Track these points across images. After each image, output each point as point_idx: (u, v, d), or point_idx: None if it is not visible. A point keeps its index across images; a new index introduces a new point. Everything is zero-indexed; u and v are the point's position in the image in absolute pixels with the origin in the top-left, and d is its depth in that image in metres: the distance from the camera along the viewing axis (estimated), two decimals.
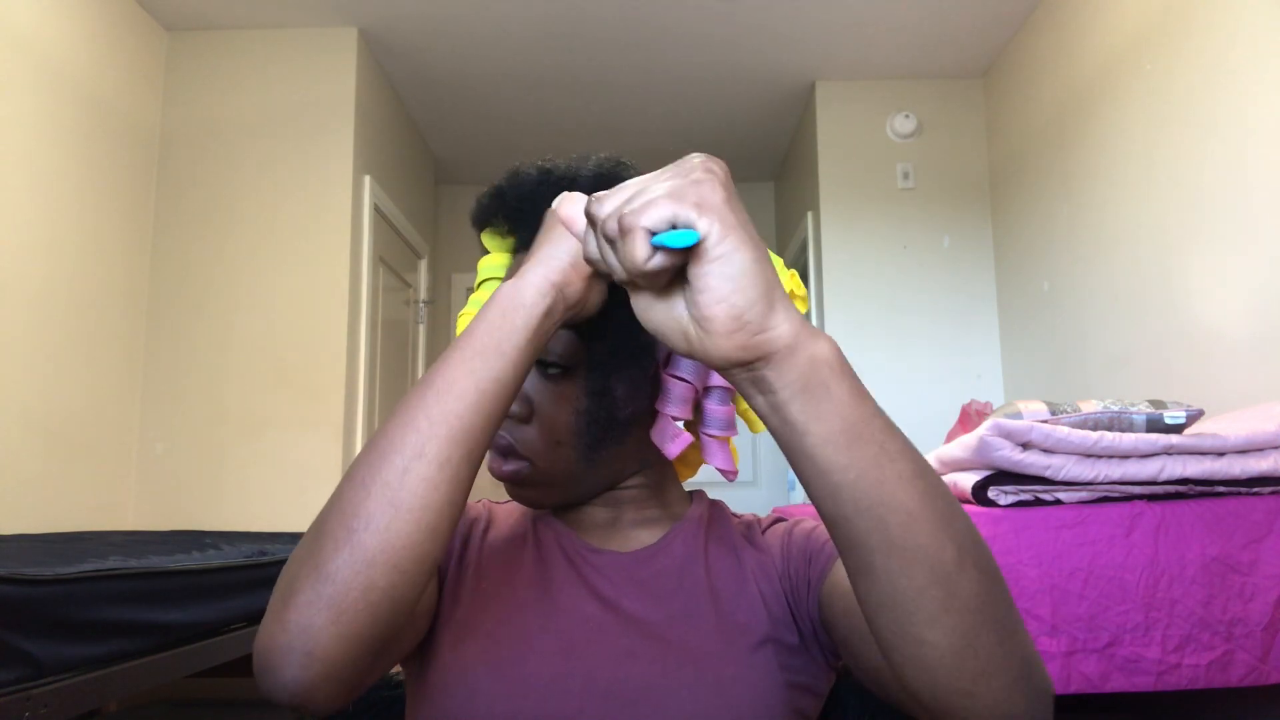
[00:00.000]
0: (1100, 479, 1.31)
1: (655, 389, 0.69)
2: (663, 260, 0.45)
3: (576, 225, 0.54)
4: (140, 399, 3.01)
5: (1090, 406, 1.43)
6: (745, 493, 4.36)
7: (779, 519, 0.76)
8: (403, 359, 3.85)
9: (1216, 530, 1.26)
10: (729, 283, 0.45)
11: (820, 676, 0.68)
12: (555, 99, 3.81)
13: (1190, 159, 2.23)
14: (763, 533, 0.74)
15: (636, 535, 0.73)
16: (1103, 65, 2.65)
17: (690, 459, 0.78)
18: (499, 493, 0.77)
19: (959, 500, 1.51)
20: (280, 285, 3.08)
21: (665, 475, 0.76)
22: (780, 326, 0.46)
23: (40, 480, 2.51)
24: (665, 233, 0.44)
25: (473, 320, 0.56)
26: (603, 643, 0.65)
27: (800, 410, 0.47)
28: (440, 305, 4.58)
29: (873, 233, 3.53)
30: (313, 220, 3.11)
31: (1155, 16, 2.38)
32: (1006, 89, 3.39)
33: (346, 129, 3.16)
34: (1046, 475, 1.32)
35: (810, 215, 3.69)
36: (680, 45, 3.38)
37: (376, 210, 3.39)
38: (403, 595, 0.50)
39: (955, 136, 3.58)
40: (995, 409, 1.59)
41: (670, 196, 0.45)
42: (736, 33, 3.29)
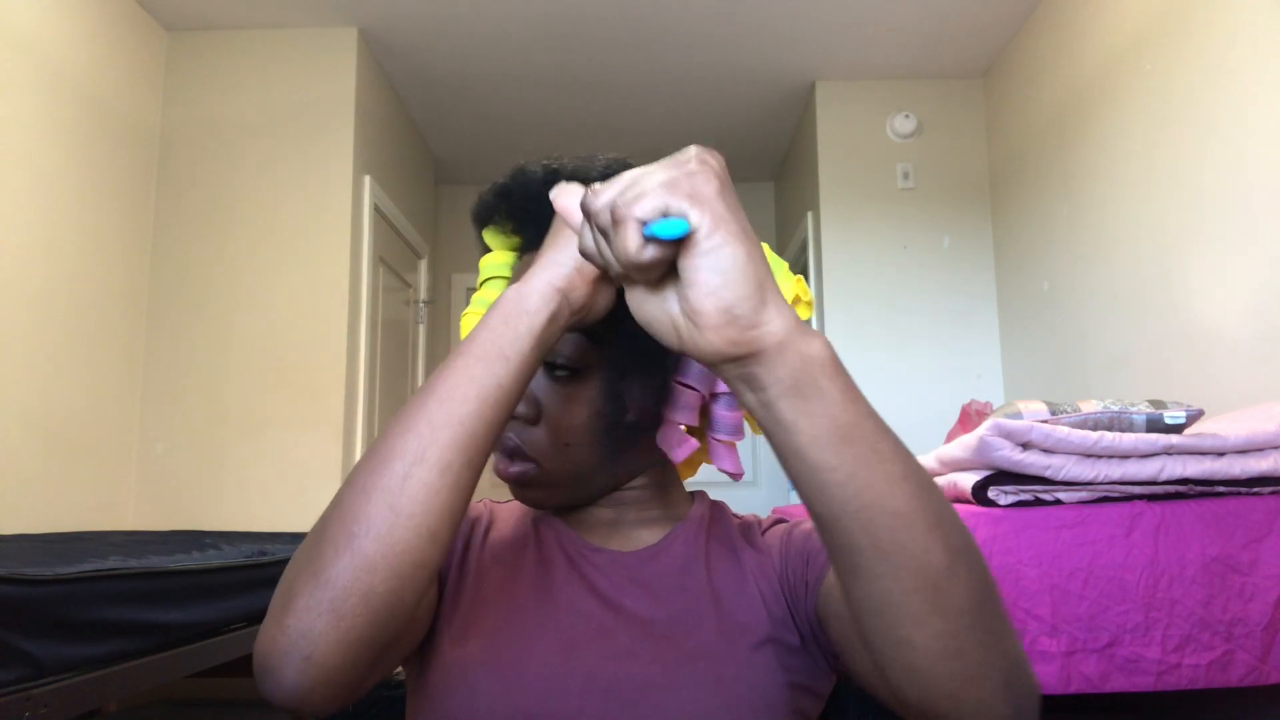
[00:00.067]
0: (1100, 479, 1.31)
1: (664, 393, 0.69)
2: (654, 252, 0.45)
3: (573, 217, 0.54)
4: (140, 399, 3.01)
5: (1090, 406, 1.43)
6: (745, 493, 4.36)
7: (779, 520, 0.75)
8: (403, 359, 3.85)
9: (1216, 530, 1.26)
10: (719, 276, 0.44)
11: (821, 678, 0.68)
12: (555, 99, 3.81)
13: (1190, 159, 2.23)
14: (762, 534, 0.74)
15: (638, 535, 0.73)
16: (1103, 65, 2.65)
17: (692, 459, 0.78)
18: (497, 493, 0.77)
19: (956, 501, 1.51)
20: (280, 285, 3.08)
21: (668, 476, 0.76)
22: (772, 323, 0.45)
23: (40, 480, 2.51)
24: (657, 223, 0.44)
25: (476, 325, 0.55)
26: (603, 642, 0.65)
27: (790, 408, 0.46)
28: (440, 305, 4.58)
29: (873, 233, 3.53)
30: (313, 220, 3.11)
31: (1155, 16, 2.38)
32: (1006, 89, 3.38)
33: (346, 129, 3.17)
34: (1046, 475, 1.32)
35: (810, 215, 3.69)
36: (680, 45, 3.38)
37: (376, 210, 3.39)
38: (403, 600, 0.50)
39: (955, 136, 3.58)
40: (995, 409, 1.59)
41: (663, 187, 0.44)
42: (736, 33, 3.29)
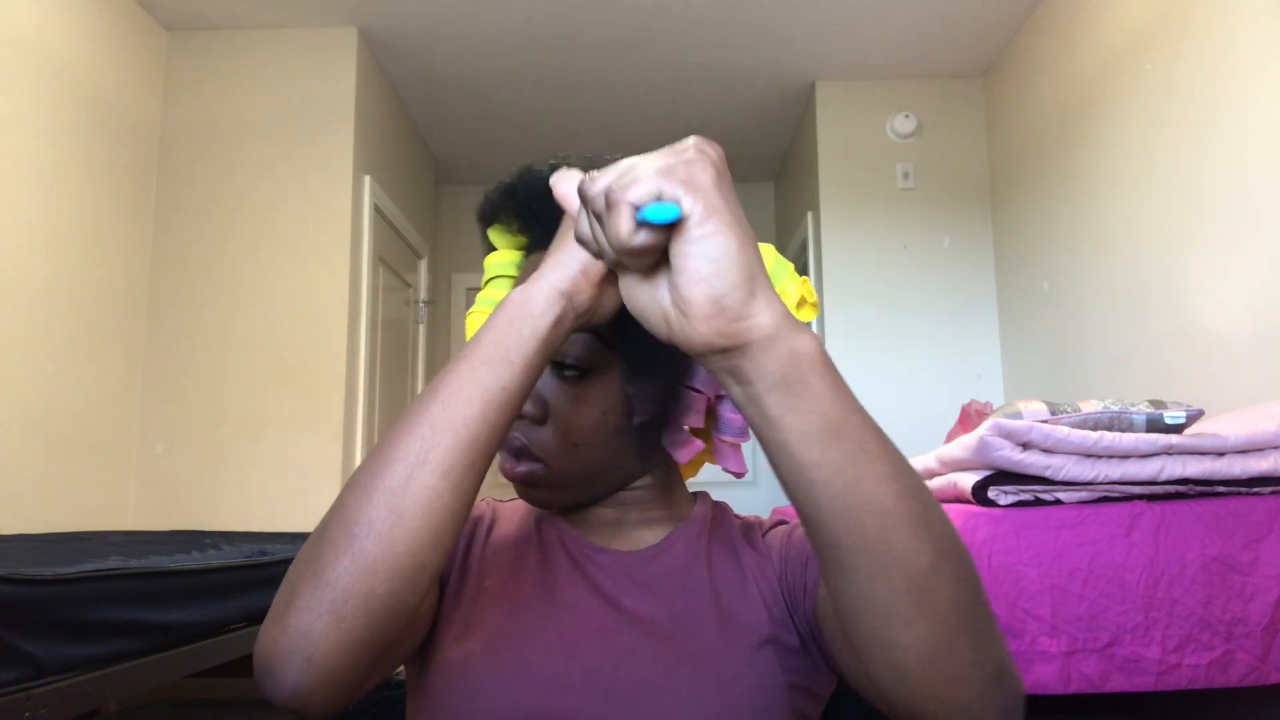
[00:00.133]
0: (1100, 479, 1.31)
1: (671, 394, 0.69)
2: (647, 237, 0.44)
3: (571, 203, 0.54)
4: (140, 399, 3.01)
5: (1090, 406, 1.43)
6: (745, 492, 4.36)
7: (781, 521, 0.75)
8: (403, 359, 3.85)
9: (1216, 530, 1.26)
10: (710, 264, 0.44)
11: (821, 679, 0.68)
12: (555, 99, 3.81)
13: (1190, 159, 2.23)
14: (763, 535, 0.74)
15: (640, 535, 0.73)
16: (1103, 65, 2.65)
17: (695, 459, 0.78)
18: (499, 492, 0.77)
19: (956, 501, 1.50)
20: (280, 285, 3.07)
21: (671, 477, 0.76)
22: (760, 315, 0.45)
23: (40, 480, 2.51)
24: (649, 207, 0.44)
25: (481, 327, 0.55)
26: (604, 641, 0.65)
27: (777, 404, 0.46)
28: (440, 305, 4.58)
29: (873, 233, 3.53)
30: (313, 220, 3.11)
31: (1155, 16, 2.38)
32: (1006, 89, 3.38)
33: (346, 129, 3.16)
34: (1046, 475, 1.32)
35: (810, 215, 3.69)
36: (680, 45, 3.38)
37: (376, 210, 3.39)
38: (403, 602, 0.50)
39: (955, 136, 3.58)
40: (995, 409, 1.59)
41: (658, 173, 0.44)
42: (736, 33, 3.29)
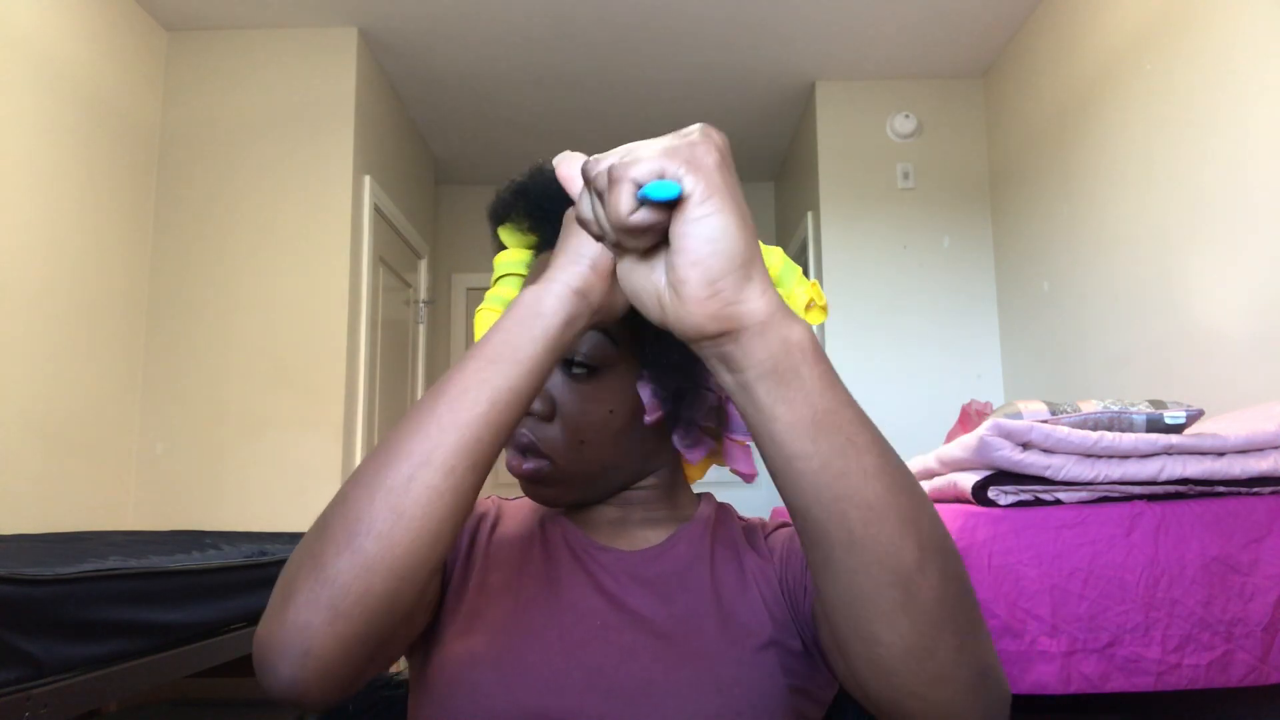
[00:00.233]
0: (1100, 479, 1.31)
1: (680, 394, 0.69)
2: (647, 215, 0.44)
3: (573, 185, 0.54)
4: (140, 399, 3.01)
5: (1090, 406, 1.43)
6: (745, 492, 4.34)
7: (784, 524, 0.75)
8: (403, 359, 3.85)
9: (1216, 530, 1.26)
10: (708, 245, 0.44)
11: (823, 683, 0.68)
12: (555, 99, 3.81)
13: (1190, 159, 2.23)
14: (766, 537, 0.74)
15: (643, 535, 0.73)
16: (1103, 65, 2.65)
17: (701, 462, 0.78)
18: (502, 490, 0.77)
19: (956, 501, 1.50)
20: (280, 285, 3.07)
21: (676, 477, 0.76)
22: (754, 301, 0.45)
23: (40, 480, 2.51)
24: (650, 184, 0.44)
25: (491, 327, 0.55)
26: (606, 640, 0.65)
27: (768, 392, 0.46)
28: (440, 305, 4.58)
29: (873, 233, 3.53)
30: (313, 220, 3.11)
31: (1155, 16, 2.38)
32: (1006, 89, 3.38)
33: (346, 129, 3.16)
34: (1046, 475, 1.32)
35: (810, 215, 3.69)
36: (680, 45, 3.38)
37: (376, 210, 3.39)
38: (401, 599, 0.50)
39: (955, 136, 3.58)
40: (995, 409, 1.59)
41: (662, 152, 0.44)
42: (736, 33, 3.29)
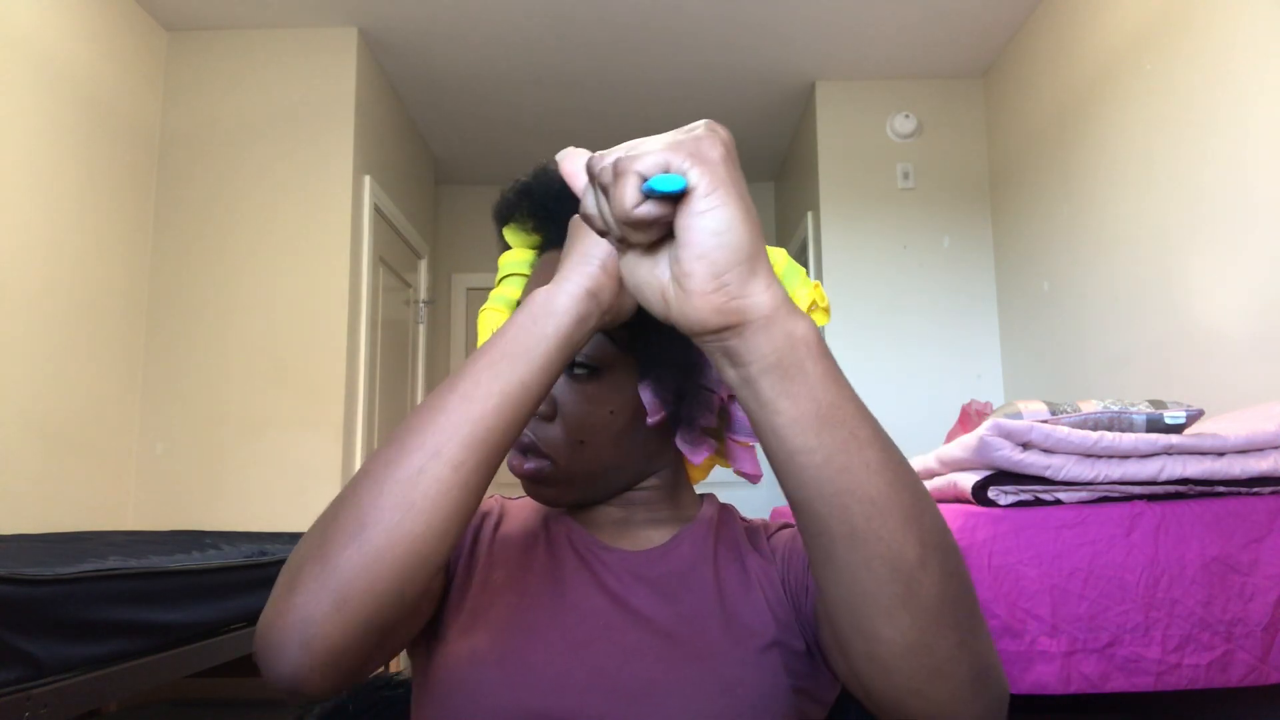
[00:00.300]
0: (1100, 479, 1.31)
1: (682, 394, 0.69)
2: (652, 208, 0.44)
3: (577, 181, 0.54)
4: (140, 399, 3.01)
5: (1090, 406, 1.43)
6: (746, 492, 4.34)
7: (786, 524, 0.75)
8: (403, 359, 3.85)
9: (1216, 530, 1.26)
10: (713, 238, 0.44)
11: (825, 684, 0.68)
12: (555, 99, 3.81)
13: (1190, 159, 2.23)
14: (768, 538, 0.74)
15: (646, 535, 0.73)
16: (1103, 65, 2.65)
17: (704, 463, 0.78)
18: (505, 490, 0.77)
19: (956, 501, 1.50)
20: (280, 285, 3.07)
21: (679, 478, 0.76)
22: (759, 295, 0.45)
23: (40, 480, 2.51)
24: (655, 177, 0.44)
25: (503, 325, 0.55)
26: (609, 640, 0.65)
27: (771, 386, 0.46)
28: (440, 305, 4.58)
29: (873, 233, 3.53)
30: (313, 220, 3.11)
31: (1155, 16, 2.38)
32: (1006, 89, 3.38)
33: (346, 129, 3.16)
34: (1046, 475, 1.32)
35: (810, 215, 3.69)
36: (680, 45, 3.38)
37: (376, 210, 3.39)
38: (406, 592, 0.50)
39: (955, 136, 3.58)
40: (995, 409, 1.59)
41: (667, 146, 0.44)
42: (736, 33, 3.29)
